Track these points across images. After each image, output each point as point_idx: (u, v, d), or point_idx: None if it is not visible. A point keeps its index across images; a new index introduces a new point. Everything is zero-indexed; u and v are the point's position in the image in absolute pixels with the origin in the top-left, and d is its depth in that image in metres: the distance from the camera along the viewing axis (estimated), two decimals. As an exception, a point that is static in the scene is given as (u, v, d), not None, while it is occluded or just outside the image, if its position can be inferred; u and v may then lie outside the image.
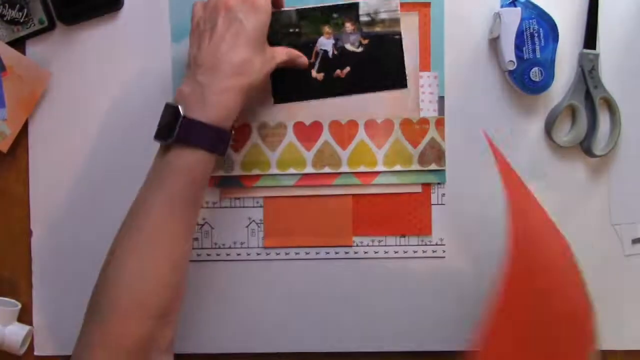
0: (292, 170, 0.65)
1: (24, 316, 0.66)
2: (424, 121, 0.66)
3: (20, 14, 0.64)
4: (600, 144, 0.65)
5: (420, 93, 0.65)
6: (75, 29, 0.66)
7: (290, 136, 0.66)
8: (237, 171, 0.65)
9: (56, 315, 0.66)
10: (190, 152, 0.53)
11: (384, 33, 0.64)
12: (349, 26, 0.64)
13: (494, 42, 0.65)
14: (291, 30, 0.64)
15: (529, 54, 0.63)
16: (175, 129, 0.53)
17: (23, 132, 0.66)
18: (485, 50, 0.66)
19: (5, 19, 0.64)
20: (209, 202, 0.66)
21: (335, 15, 0.64)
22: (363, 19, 0.64)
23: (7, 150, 0.65)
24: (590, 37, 0.65)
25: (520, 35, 0.63)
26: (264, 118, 0.66)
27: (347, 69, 0.65)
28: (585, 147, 0.65)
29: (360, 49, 0.64)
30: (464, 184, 0.66)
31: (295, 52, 0.63)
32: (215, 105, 0.53)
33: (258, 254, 0.66)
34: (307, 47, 0.64)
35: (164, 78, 0.66)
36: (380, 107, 0.65)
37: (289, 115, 0.66)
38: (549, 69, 0.63)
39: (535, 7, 0.63)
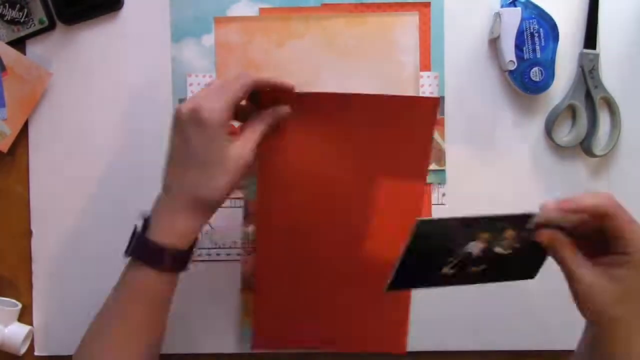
0: (292, 170, 0.65)
1: (24, 316, 0.66)
2: (424, 121, 0.65)
3: (21, 14, 0.64)
4: (600, 144, 0.65)
5: (420, 93, 0.65)
6: (75, 29, 0.66)
7: (290, 136, 0.65)
8: (237, 171, 0.65)
9: (56, 315, 0.66)
10: (145, 272, 0.51)
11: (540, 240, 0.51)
12: (510, 233, 0.52)
13: (494, 42, 0.65)
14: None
15: (529, 54, 0.63)
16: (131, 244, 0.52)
17: (23, 132, 0.66)
18: (485, 50, 0.66)
19: (5, 19, 0.64)
20: (209, 202, 0.66)
21: (499, 224, 0.51)
22: (529, 226, 0.51)
23: (7, 150, 0.65)
24: (590, 37, 0.65)
25: (520, 35, 0.63)
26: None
27: (484, 265, 0.53)
28: (585, 147, 0.65)
29: (508, 252, 0.53)
30: (464, 184, 0.66)
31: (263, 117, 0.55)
32: (171, 227, 0.51)
33: (258, 254, 0.66)
34: (451, 250, 0.51)
35: (164, 78, 0.66)
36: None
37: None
38: (549, 69, 0.63)
39: (536, 7, 0.63)
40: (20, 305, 0.66)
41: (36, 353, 0.67)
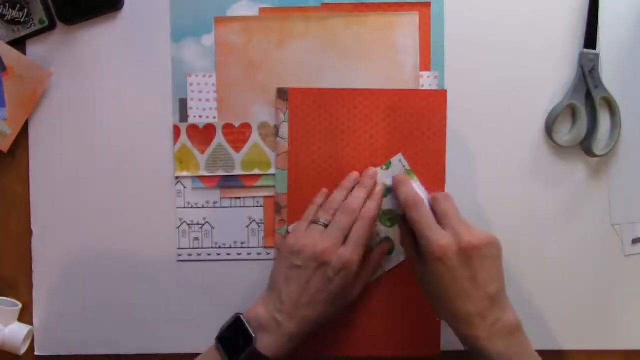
0: (292, 170, 0.66)
1: (24, 316, 0.66)
2: (424, 121, 0.66)
3: (21, 13, 0.64)
4: (600, 144, 0.65)
5: (420, 93, 0.66)
6: (75, 29, 0.66)
7: (290, 136, 0.66)
8: (237, 171, 0.65)
9: (56, 315, 0.66)
10: None
11: None
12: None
13: (494, 42, 0.65)
14: None
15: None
16: (241, 353, 0.56)
17: (23, 132, 0.66)
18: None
19: (5, 19, 0.64)
20: (209, 201, 0.66)
21: None
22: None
23: (7, 150, 0.65)
24: (590, 37, 0.65)
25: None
26: (264, 118, 0.65)
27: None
28: (585, 147, 0.65)
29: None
30: (464, 184, 0.66)
31: (374, 262, 0.63)
32: (281, 346, 0.57)
33: (258, 254, 0.66)
34: None
35: (164, 78, 0.66)
36: (380, 107, 0.66)
37: (289, 115, 0.66)
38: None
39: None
40: (20, 305, 0.66)
41: (36, 353, 0.67)
